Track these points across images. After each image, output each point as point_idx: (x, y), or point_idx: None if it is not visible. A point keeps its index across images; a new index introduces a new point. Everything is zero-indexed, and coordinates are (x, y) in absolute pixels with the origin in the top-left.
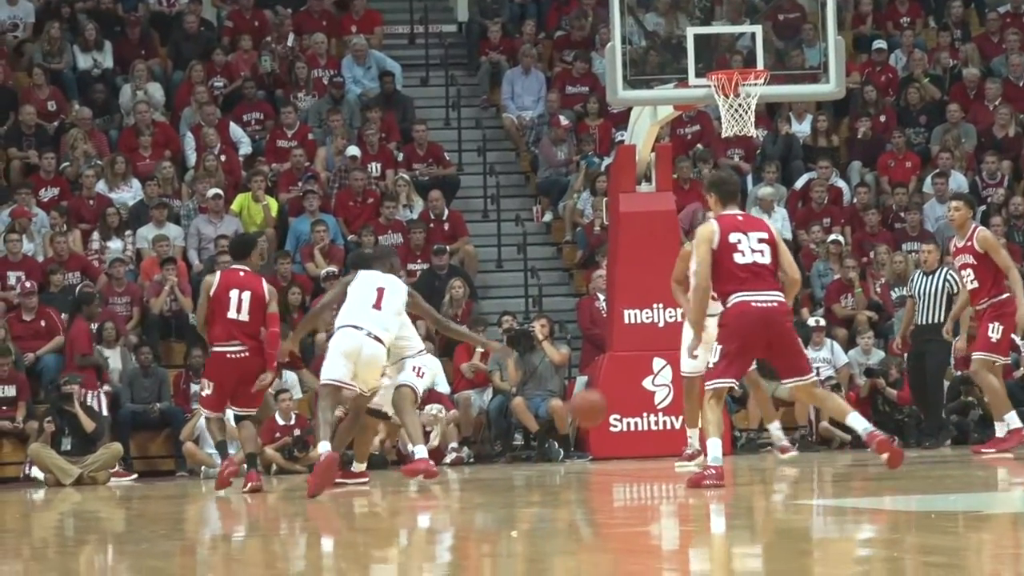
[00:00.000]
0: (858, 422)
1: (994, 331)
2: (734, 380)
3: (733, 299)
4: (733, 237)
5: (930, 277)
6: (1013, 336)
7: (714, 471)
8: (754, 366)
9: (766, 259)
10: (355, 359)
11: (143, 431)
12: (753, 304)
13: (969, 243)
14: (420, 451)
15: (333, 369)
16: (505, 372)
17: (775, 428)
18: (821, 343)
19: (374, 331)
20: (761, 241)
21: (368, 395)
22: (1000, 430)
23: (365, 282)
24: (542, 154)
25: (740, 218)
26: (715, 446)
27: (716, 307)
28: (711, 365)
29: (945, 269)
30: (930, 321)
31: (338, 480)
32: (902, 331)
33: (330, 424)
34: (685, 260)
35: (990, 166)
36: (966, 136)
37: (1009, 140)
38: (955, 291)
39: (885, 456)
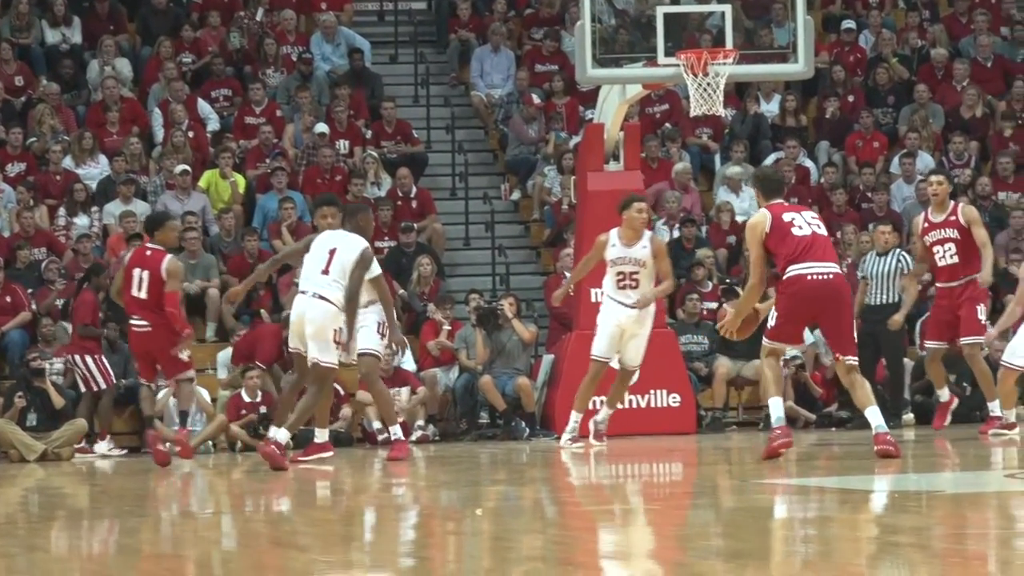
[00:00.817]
0: (875, 417)
1: (981, 313)
2: (788, 343)
3: (791, 271)
4: (787, 216)
5: (883, 258)
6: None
7: (779, 431)
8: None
9: (823, 231)
10: (300, 326)
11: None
12: (808, 277)
13: (953, 217)
14: (397, 432)
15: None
16: (472, 350)
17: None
18: None
19: (319, 291)
20: (814, 217)
21: (322, 364)
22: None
23: (321, 243)
24: (514, 131)
25: (786, 204)
26: (776, 405)
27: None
28: (771, 324)
29: (898, 250)
30: (882, 302)
31: (299, 458)
32: (856, 313)
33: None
34: (600, 251)
35: (957, 146)
36: (934, 116)
37: (976, 121)
38: (907, 271)
39: (880, 457)
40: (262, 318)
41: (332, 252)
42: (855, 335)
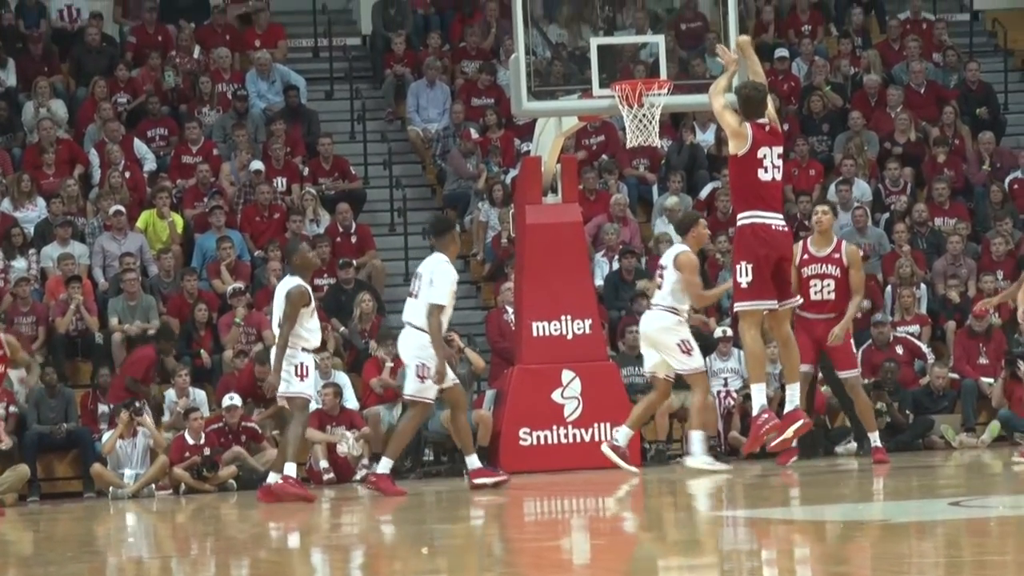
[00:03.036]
0: (792, 395)
1: (855, 346)
2: (767, 299)
3: (754, 217)
4: (761, 152)
5: None
6: (919, 343)
7: (766, 415)
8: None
9: (780, 176)
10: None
11: (49, 452)
12: (773, 227)
13: (836, 255)
14: (384, 465)
15: None
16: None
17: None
18: (728, 353)
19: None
20: (780, 156)
21: (287, 397)
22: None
23: (276, 293)
24: (452, 166)
25: (767, 129)
26: (760, 392)
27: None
28: (744, 285)
29: None
30: None
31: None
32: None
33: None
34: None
35: (892, 173)
36: (868, 143)
37: (911, 147)
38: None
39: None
40: (202, 359)
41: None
42: None
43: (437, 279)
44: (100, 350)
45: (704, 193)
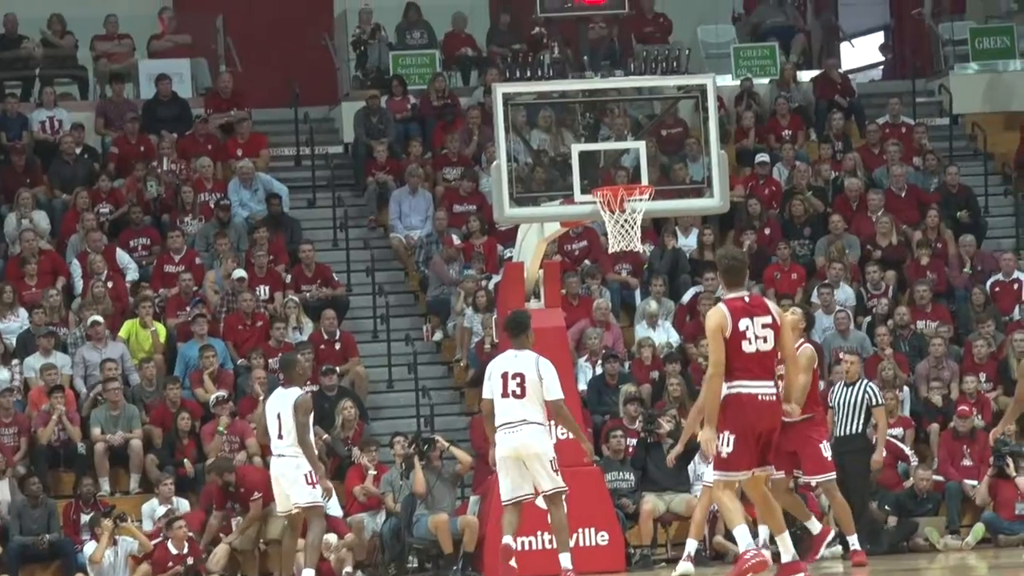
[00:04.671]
0: (785, 546)
1: (826, 450)
2: (744, 471)
3: (739, 387)
4: (742, 325)
5: (850, 388)
6: (902, 446)
7: (753, 551)
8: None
9: (768, 345)
10: (276, 484)
11: (32, 563)
12: (760, 398)
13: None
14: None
15: None
16: (399, 493)
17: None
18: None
19: (278, 451)
20: (765, 327)
21: (292, 512)
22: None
23: (270, 409)
24: (435, 272)
25: (747, 299)
26: (743, 533)
27: None
28: (724, 455)
29: (865, 381)
30: (849, 432)
31: None
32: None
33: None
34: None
35: (874, 276)
36: (850, 247)
37: (892, 250)
38: (875, 403)
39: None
40: (185, 468)
41: (279, 417)
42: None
43: (546, 375)
44: (83, 460)
45: (686, 298)
